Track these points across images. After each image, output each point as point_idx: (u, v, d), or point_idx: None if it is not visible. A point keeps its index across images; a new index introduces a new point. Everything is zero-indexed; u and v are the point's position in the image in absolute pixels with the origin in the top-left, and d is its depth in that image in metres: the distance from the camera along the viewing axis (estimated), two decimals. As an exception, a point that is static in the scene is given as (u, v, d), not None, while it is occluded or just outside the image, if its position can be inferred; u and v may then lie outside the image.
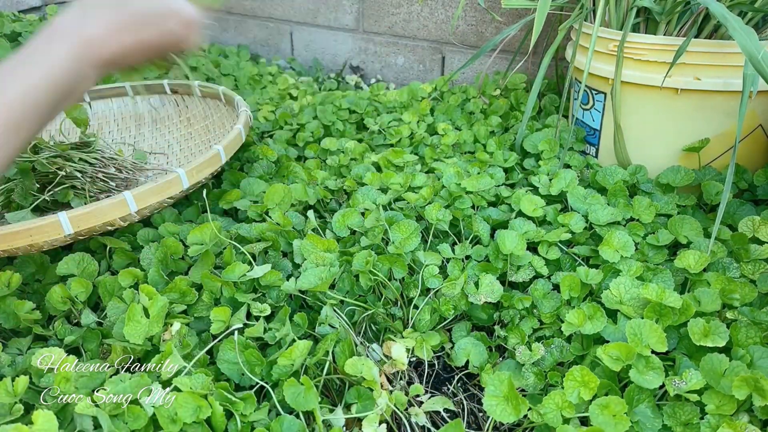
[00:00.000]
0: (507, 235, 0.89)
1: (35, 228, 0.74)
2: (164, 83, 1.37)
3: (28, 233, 0.74)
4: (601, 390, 0.67)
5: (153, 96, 1.40)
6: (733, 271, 0.85)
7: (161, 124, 1.39)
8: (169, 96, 1.39)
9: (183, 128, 1.38)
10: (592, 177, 1.09)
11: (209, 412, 0.62)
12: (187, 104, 1.39)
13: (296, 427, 0.64)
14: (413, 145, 1.33)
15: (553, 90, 1.51)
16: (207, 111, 1.36)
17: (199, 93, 1.35)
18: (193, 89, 1.36)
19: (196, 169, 0.91)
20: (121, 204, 0.80)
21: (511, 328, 0.81)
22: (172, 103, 1.39)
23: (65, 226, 0.76)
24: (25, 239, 0.74)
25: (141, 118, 1.39)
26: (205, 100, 1.36)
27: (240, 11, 2.06)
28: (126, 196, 0.80)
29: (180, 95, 1.39)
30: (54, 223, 0.75)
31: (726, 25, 0.82)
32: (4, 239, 0.74)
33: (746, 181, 1.05)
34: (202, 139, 1.34)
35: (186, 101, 1.39)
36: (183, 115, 1.39)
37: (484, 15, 1.62)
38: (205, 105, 1.36)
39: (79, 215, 0.76)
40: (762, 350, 0.69)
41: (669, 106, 1.05)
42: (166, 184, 0.86)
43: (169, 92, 1.39)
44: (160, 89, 1.38)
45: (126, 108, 1.39)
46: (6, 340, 0.79)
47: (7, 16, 1.82)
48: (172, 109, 1.39)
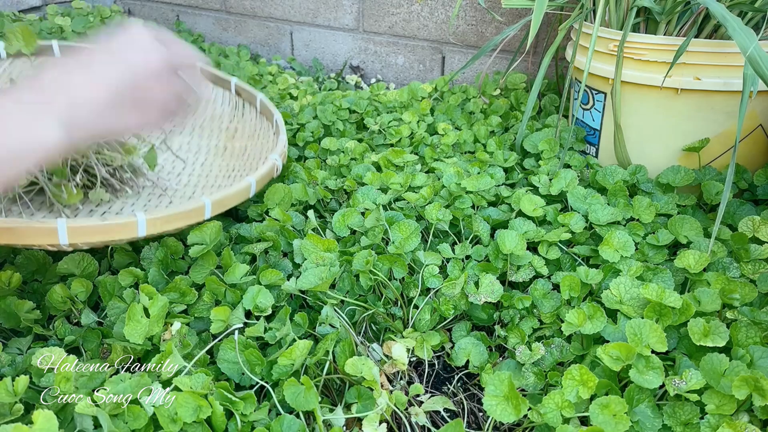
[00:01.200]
0: (507, 234, 0.89)
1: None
2: (232, 81, 1.22)
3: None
4: (601, 390, 0.67)
5: (217, 88, 1.24)
6: (733, 271, 0.85)
7: (208, 122, 1.24)
8: (233, 95, 1.24)
9: (225, 138, 1.22)
10: (592, 177, 1.09)
11: (209, 412, 0.62)
12: (243, 112, 1.24)
13: (296, 426, 0.64)
14: (413, 145, 1.33)
15: (553, 90, 1.51)
16: (257, 130, 1.20)
17: (259, 108, 1.20)
18: (255, 100, 1.20)
19: (162, 220, 0.76)
20: (48, 231, 0.69)
21: (511, 327, 0.81)
22: (232, 104, 1.24)
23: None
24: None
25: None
26: (261, 118, 1.20)
27: (240, 11, 2.06)
28: (59, 224, 0.68)
29: (243, 100, 1.23)
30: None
31: (725, 25, 0.82)
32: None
33: (746, 181, 1.05)
34: (232, 162, 1.17)
35: (244, 109, 1.23)
36: (234, 122, 1.24)
37: (484, 15, 1.62)
38: (259, 123, 1.21)
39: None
40: (762, 350, 0.69)
41: (669, 106, 1.05)
42: (115, 227, 0.72)
43: (234, 91, 1.23)
44: (227, 85, 1.24)
45: None
46: (6, 339, 0.79)
47: (7, 16, 1.82)
48: (228, 111, 1.24)
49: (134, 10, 2.27)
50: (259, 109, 1.23)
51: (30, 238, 0.69)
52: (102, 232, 0.71)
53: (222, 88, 1.29)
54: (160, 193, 1.08)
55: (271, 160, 0.96)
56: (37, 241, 0.70)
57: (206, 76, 1.23)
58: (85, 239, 0.71)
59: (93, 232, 0.71)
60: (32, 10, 2.02)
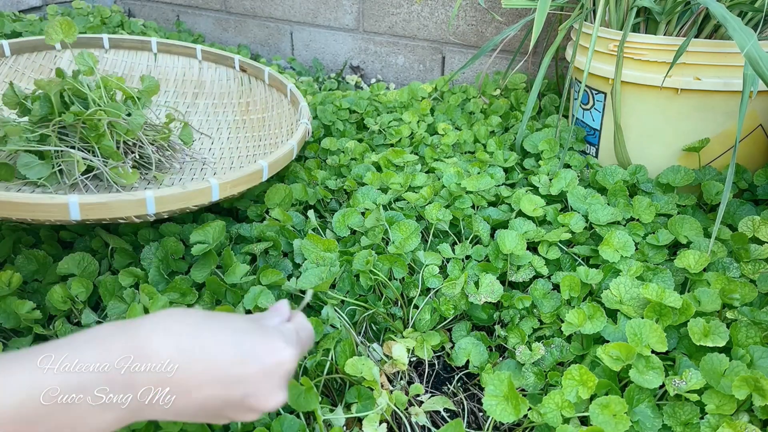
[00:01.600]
0: (507, 234, 0.89)
1: (43, 205, 0.69)
2: (235, 58, 1.27)
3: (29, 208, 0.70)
4: (601, 390, 0.67)
5: (220, 67, 1.30)
6: (733, 271, 0.85)
7: (219, 100, 1.28)
8: (237, 72, 1.28)
9: (239, 113, 1.26)
10: (592, 177, 1.09)
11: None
12: (251, 87, 1.28)
13: (296, 426, 0.64)
14: (413, 145, 1.33)
15: (553, 90, 1.51)
16: (269, 101, 1.25)
17: (267, 80, 1.25)
18: (263, 74, 1.25)
19: (231, 183, 0.83)
20: (139, 203, 0.74)
21: (511, 327, 0.81)
22: (238, 80, 1.29)
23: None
24: (29, 212, 0.70)
25: (202, 86, 1.29)
26: (270, 90, 1.25)
27: (240, 11, 2.06)
28: (147, 196, 0.74)
29: (248, 75, 1.28)
30: (61, 206, 0.70)
31: (725, 25, 0.82)
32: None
33: (746, 181, 1.05)
34: (255, 133, 1.22)
35: (252, 84, 1.28)
36: (244, 97, 1.28)
37: (484, 15, 1.62)
38: (269, 95, 1.25)
39: (91, 204, 0.71)
40: (762, 350, 0.69)
41: (669, 106, 1.05)
42: (195, 193, 0.79)
43: (237, 68, 1.28)
44: (230, 63, 1.28)
45: (191, 70, 1.29)
46: (6, 339, 0.79)
47: (7, 16, 1.82)
48: (235, 88, 1.29)
49: (134, 10, 2.27)
50: (267, 82, 1.27)
51: (121, 210, 0.73)
52: (183, 199, 0.77)
53: (225, 66, 1.31)
54: (201, 167, 1.12)
55: (303, 125, 1.02)
56: (127, 213, 0.74)
57: (209, 57, 1.30)
58: (168, 207, 0.76)
59: (175, 200, 0.77)
60: (32, 10, 2.02)
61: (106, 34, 1.25)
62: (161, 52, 1.29)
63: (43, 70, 1.22)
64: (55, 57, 1.22)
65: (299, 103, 1.15)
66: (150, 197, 0.74)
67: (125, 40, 1.26)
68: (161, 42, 1.29)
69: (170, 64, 1.30)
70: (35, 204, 0.69)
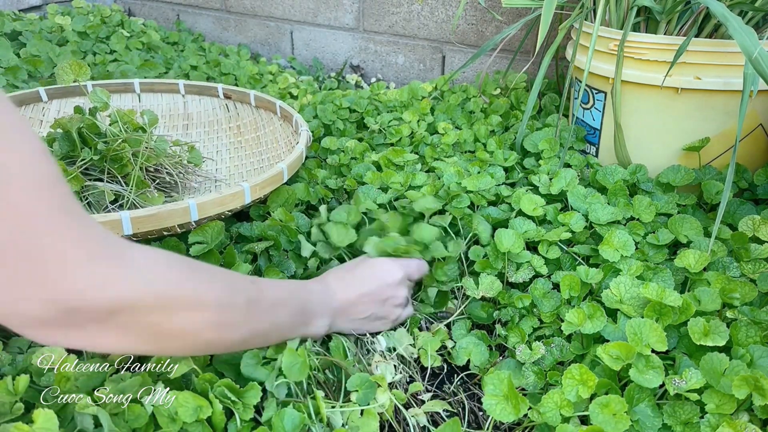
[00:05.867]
0: (504, 233, 0.89)
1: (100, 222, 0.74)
2: (218, 87, 1.34)
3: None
4: (601, 389, 0.67)
5: (204, 97, 1.36)
6: (733, 271, 0.85)
7: (210, 128, 1.35)
8: (221, 100, 1.36)
9: (233, 136, 1.34)
10: (593, 176, 1.09)
11: (209, 412, 0.62)
12: (238, 111, 1.35)
13: (297, 419, 0.63)
14: (413, 145, 1.33)
15: (554, 89, 1.51)
16: (259, 122, 1.32)
17: (253, 102, 1.32)
18: (248, 98, 1.32)
19: (259, 185, 0.91)
20: (184, 212, 0.80)
21: (511, 327, 0.81)
22: (223, 108, 1.36)
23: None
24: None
25: (190, 118, 1.35)
26: (258, 111, 1.32)
27: (240, 10, 2.06)
28: (190, 204, 0.81)
29: (233, 101, 1.35)
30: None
31: (726, 25, 0.82)
32: None
33: (746, 181, 1.05)
34: (253, 150, 1.30)
35: (238, 108, 1.35)
36: (234, 122, 1.35)
37: (484, 14, 1.62)
38: (258, 116, 1.33)
39: (141, 217, 0.78)
40: (762, 349, 0.69)
41: (669, 105, 1.05)
42: (230, 197, 0.86)
43: (221, 96, 1.35)
44: (213, 92, 1.35)
45: (175, 105, 1.35)
46: (6, 339, 0.79)
47: (7, 15, 1.82)
48: (222, 115, 1.36)
49: (135, 10, 2.27)
50: (254, 104, 1.32)
51: (169, 220, 0.80)
52: (220, 203, 0.84)
53: (209, 96, 1.37)
54: (215, 184, 1.18)
55: (304, 132, 1.10)
56: (173, 222, 0.80)
57: (192, 90, 1.37)
58: (208, 213, 0.83)
59: (214, 205, 0.84)
60: (32, 9, 2.02)
61: (89, 81, 1.29)
62: (144, 91, 1.34)
63: (33, 123, 1.26)
64: (42, 109, 1.26)
65: (293, 116, 1.20)
66: (193, 204, 0.81)
67: (109, 84, 1.31)
68: (143, 82, 1.34)
69: (155, 102, 1.35)
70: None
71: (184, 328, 0.54)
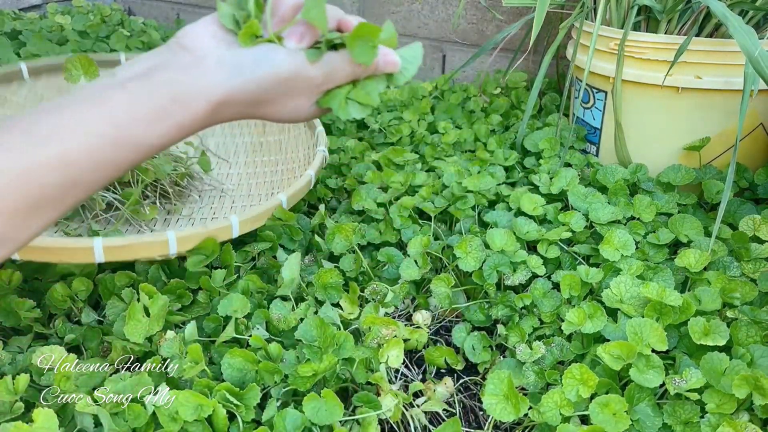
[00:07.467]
0: (495, 233, 0.89)
1: (68, 249, 0.72)
2: None
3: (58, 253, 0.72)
4: (602, 389, 0.67)
5: None
6: (734, 270, 0.85)
7: (236, 121, 1.25)
8: None
9: (256, 135, 1.26)
10: (593, 175, 1.09)
11: (210, 411, 0.62)
12: None
13: (299, 420, 0.63)
14: (414, 144, 1.33)
15: (554, 89, 1.50)
16: (284, 125, 1.25)
17: None
18: None
19: (251, 220, 0.83)
20: (161, 244, 0.74)
21: (511, 326, 0.81)
22: None
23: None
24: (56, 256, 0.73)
25: None
26: None
27: (240, 9, 2.06)
28: (169, 237, 0.74)
29: None
30: (87, 250, 0.72)
31: (726, 24, 0.82)
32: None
33: (747, 180, 1.05)
34: (272, 157, 1.23)
35: None
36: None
37: (485, 13, 1.62)
38: None
39: (113, 247, 0.73)
40: (762, 349, 0.69)
41: (670, 104, 1.04)
42: (215, 231, 0.79)
43: None
44: None
45: None
46: (6, 338, 0.79)
47: (7, 14, 1.82)
48: None
49: (134, 9, 2.27)
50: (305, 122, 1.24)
51: (143, 251, 0.74)
52: (204, 237, 0.77)
53: None
54: (220, 195, 1.12)
55: (320, 152, 1.03)
56: (150, 254, 0.75)
57: None
58: (189, 246, 0.76)
59: (197, 238, 0.77)
60: (32, 8, 2.02)
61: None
62: None
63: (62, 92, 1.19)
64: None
65: (316, 127, 1.14)
66: (172, 237, 0.74)
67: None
68: None
69: None
70: (60, 248, 0.72)
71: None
